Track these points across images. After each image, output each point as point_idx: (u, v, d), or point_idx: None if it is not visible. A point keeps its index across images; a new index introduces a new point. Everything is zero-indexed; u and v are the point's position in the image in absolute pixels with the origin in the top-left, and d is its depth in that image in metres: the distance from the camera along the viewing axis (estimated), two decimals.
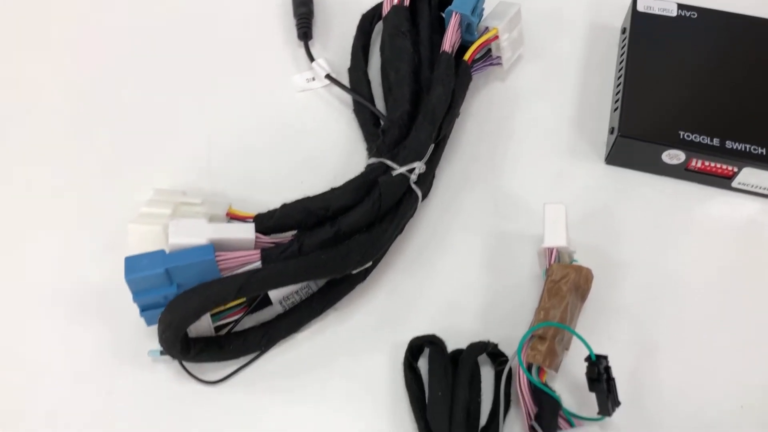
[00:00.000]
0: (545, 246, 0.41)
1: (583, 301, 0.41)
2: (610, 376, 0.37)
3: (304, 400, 0.40)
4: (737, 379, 0.40)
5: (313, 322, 0.42)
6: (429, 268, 0.44)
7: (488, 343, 0.40)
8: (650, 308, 0.43)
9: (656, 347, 0.41)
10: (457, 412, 0.36)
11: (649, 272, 0.44)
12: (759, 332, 0.42)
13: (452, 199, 0.47)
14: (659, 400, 0.40)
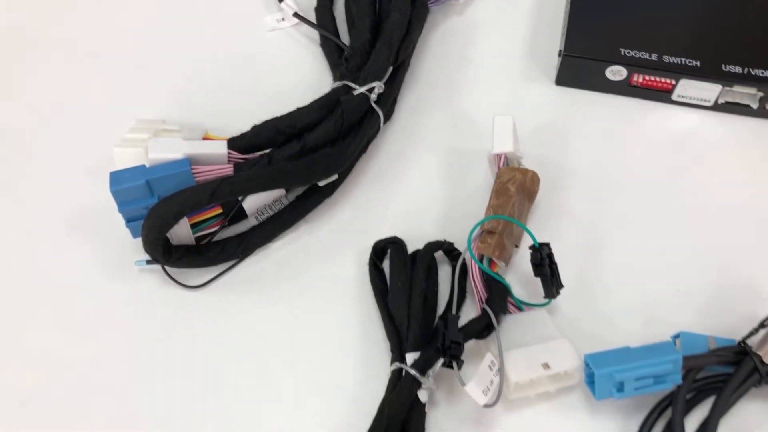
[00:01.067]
0: (494, 152, 0.44)
1: (530, 202, 0.45)
2: (552, 261, 0.40)
3: (279, 300, 0.43)
4: (673, 268, 0.44)
5: (285, 233, 0.46)
6: (392, 183, 0.48)
7: (444, 241, 0.43)
8: (596, 211, 0.46)
9: (601, 244, 0.45)
10: (414, 298, 0.40)
11: (596, 179, 0.48)
12: (692, 229, 0.46)
13: (413, 121, 0.50)
14: (603, 289, 0.44)
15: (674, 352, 0.38)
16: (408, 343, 0.39)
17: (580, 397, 0.40)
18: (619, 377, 0.37)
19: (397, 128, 0.50)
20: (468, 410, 0.40)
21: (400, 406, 0.37)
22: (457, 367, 0.37)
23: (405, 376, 0.38)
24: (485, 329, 0.39)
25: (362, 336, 0.42)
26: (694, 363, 0.38)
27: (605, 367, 0.37)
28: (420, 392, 0.37)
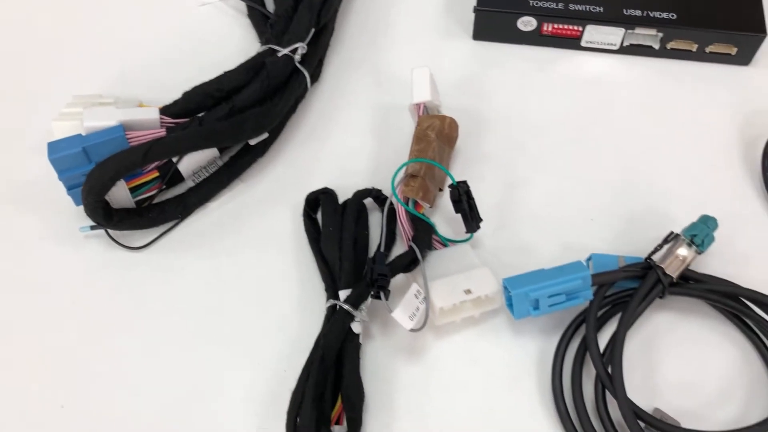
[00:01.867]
0: (413, 102, 0.47)
1: (451, 147, 0.48)
2: (470, 198, 0.43)
3: (220, 256, 0.46)
4: (587, 199, 0.48)
5: (222, 193, 0.48)
6: (322, 139, 0.50)
7: (372, 189, 0.46)
8: (514, 152, 0.50)
9: (520, 182, 0.48)
10: (345, 240, 0.43)
11: (513, 124, 0.51)
12: (603, 163, 0.49)
13: (341, 81, 0.53)
14: (522, 223, 0.47)
15: (584, 270, 0.41)
16: (341, 282, 0.42)
17: (504, 320, 0.43)
18: (533, 295, 0.40)
19: (325, 88, 0.52)
20: (401, 340, 0.43)
21: (335, 338, 0.39)
22: (385, 297, 0.40)
23: (338, 310, 0.40)
24: (411, 263, 0.42)
25: (300, 282, 0.45)
26: (603, 279, 0.41)
27: (521, 287, 0.40)
28: (353, 324, 0.40)
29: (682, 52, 0.52)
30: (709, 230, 0.42)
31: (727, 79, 0.52)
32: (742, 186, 0.48)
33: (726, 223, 0.46)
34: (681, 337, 0.43)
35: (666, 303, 0.44)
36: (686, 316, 0.44)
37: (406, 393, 0.41)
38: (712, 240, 0.42)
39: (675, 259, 0.41)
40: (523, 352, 0.42)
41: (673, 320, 0.43)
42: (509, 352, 0.43)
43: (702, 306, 0.44)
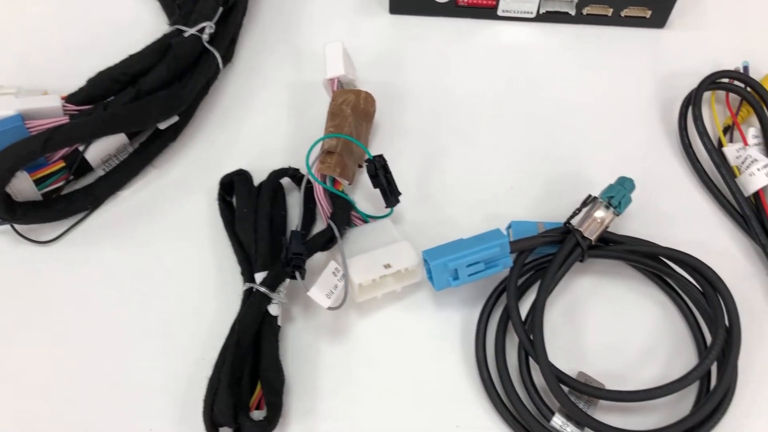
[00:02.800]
0: (327, 77, 0.46)
1: (368, 122, 0.47)
2: (387, 172, 0.43)
3: (134, 245, 0.44)
4: (507, 168, 0.47)
5: (134, 181, 0.46)
6: (238, 121, 0.49)
7: (289, 168, 0.45)
8: (435, 125, 0.49)
9: (441, 154, 0.48)
10: (260, 221, 0.42)
11: (433, 97, 0.50)
12: (522, 131, 0.49)
13: (256, 60, 0.51)
14: (444, 195, 0.46)
15: (501, 237, 0.40)
16: (257, 264, 0.41)
17: (427, 293, 0.43)
18: (452, 265, 0.39)
19: (240, 68, 0.51)
20: (324, 321, 0.42)
21: (251, 322, 0.38)
22: (301, 277, 0.39)
23: (254, 293, 0.39)
24: (329, 241, 0.41)
25: (218, 267, 0.43)
26: (522, 245, 0.41)
27: (439, 258, 0.40)
28: (270, 307, 0.39)
29: (598, 17, 0.52)
30: (626, 191, 0.42)
31: (644, 42, 0.52)
32: (661, 147, 0.48)
33: (645, 184, 0.46)
34: (604, 300, 0.43)
35: (588, 267, 0.44)
36: (608, 279, 0.44)
37: (330, 373, 0.41)
38: (629, 201, 0.42)
39: (593, 222, 0.41)
40: (447, 324, 0.42)
41: (595, 283, 0.43)
42: (433, 324, 0.42)
43: (624, 268, 0.44)
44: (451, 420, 0.39)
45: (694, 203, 0.46)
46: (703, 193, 0.46)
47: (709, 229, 0.45)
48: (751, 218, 0.44)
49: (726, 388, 0.38)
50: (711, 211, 0.46)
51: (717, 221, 0.45)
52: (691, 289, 0.41)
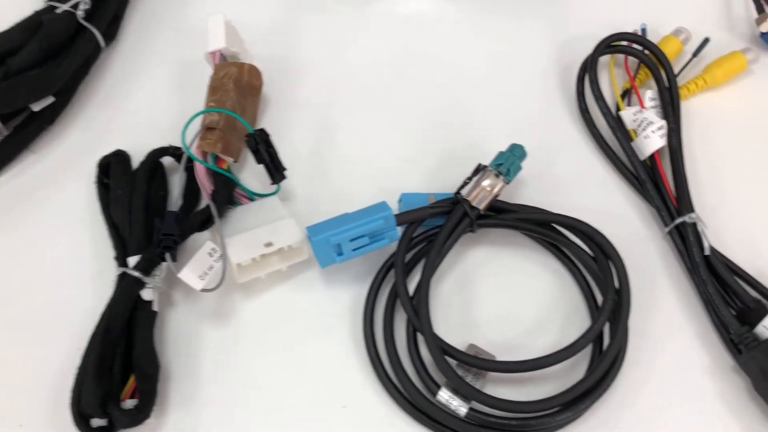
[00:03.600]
0: (208, 51, 0.44)
1: (255, 96, 0.45)
2: (270, 146, 0.41)
3: (9, 234, 0.42)
4: (402, 140, 0.46)
5: (10, 166, 0.44)
6: (121, 101, 0.47)
7: (169, 147, 0.43)
8: (329, 98, 0.47)
9: (335, 128, 0.46)
10: (135, 203, 0.40)
11: (328, 70, 0.48)
12: (418, 102, 0.47)
13: (142, 39, 0.49)
14: (338, 169, 0.45)
15: (386, 209, 0.39)
16: (131, 247, 0.39)
17: (316, 272, 0.41)
18: (334, 240, 0.38)
19: (126, 47, 0.49)
20: (208, 304, 0.40)
21: (121, 308, 0.37)
22: (172, 259, 0.37)
23: (126, 277, 0.37)
24: (207, 221, 0.39)
25: (96, 253, 0.41)
26: (408, 217, 0.40)
27: (321, 233, 0.38)
28: (144, 291, 0.37)
29: None
30: (515, 158, 0.41)
31: (543, 8, 0.51)
32: (559, 113, 0.47)
33: (543, 151, 0.45)
34: (498, 271, 0.42)
35: (482, 237, 0.42)
36: (503, 249, 0.42)
37: (214, 357, 0.39)
38: (519, 168, 0.41)
39: (482, 191, 0.40)
40: (338, 302, 0.41)
41: (490, 254, 0.42)
42: (323, 303, 0.41)
43: (519, 237, 0.43)
44: (338, 400, 0.38)
45: (592, 169, 0.45)
46: (601, 158, 0.45)
47: (606, 193, 0.44)
48: (646, 181, 0.43)
49: (617, 349, 0.37)
50: (608, 175, 0.45)
51: (614, 186, 0.45)
52: (582, 255, 0.40)
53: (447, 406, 0.36)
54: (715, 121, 0.47)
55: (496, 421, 0.36)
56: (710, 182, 0.45)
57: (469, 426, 0.36)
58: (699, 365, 0.39)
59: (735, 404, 0.38)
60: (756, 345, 0.37)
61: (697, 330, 0.40)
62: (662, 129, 0.44)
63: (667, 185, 0.43)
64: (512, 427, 0.36)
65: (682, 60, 0.48)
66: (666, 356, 0.39)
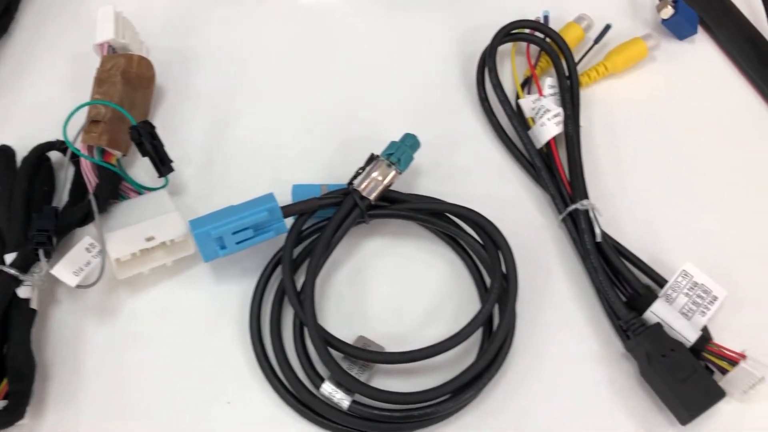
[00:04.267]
0: (96, 43, 0.43)
1: (147, 87, 0.44)
2: (154, 138, 0.40)
3: None
4: (301, 131, 0.45)
5: None
6: (14, 95, 0.46)
7: (56, 141, 0.42)
8: (227, 90, 0.46)
9: (231, 119, 0.45)
10: (15, 198, 0.39)
11: (226, 61, 0.47)
12: (317, 93, 0.47)
13: (37, 31, 0.48)
14: (233, 162, 0.44)
15: (271, 201, 0.38)
16: (9, 244, 0.38)
17: (205, 267, 0.41)
18: (215, 233, 0.37)
19: (19, 39, 0.48)
20: (92, 302, 0.39)
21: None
22: (45, 255, 0.36)
23: (1, 275, 0.36)
24: (89, 216, 0.38)
25: None
26: (296, 209, 0.39)
27: (202, 226, 0.37)
28: (20, 289, 0.36)
29: None
30: (405, 147, 0.40)
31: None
32: (460, 103, 0.47)
33: (443, 141, 0.45)
34: (393, 262, 0.41)
35: (377, 228, 0.42)
36: (398, 240, 0.42)
37: (97, 355, 0.38)
38: (411, 158, 0.41)
39: (373, 181, 0.40)
40: (225, 298, 0.40)
41: (384, 245, 0.42)
42: (211, 298, 0.40)
43: (415, 228, 0.42)
44: (223, 396, 0.37)
45: (491, 158, 0.45)
46: (500, 147, 0.45)
47: (504, 182, 0.44)
48: (541, 169, 0.43)
49: (505, 332, 0.37)
50: (507, 164, 0.45)
51: (512, 174, 0.44)
52: (473, 243, 0.40)
53: (330, 399, 0.36)
54: (616, 108, 0.47)
55: (380, 414, 0.35)
56: (610, 170, 0.44)
57: (352, 419, 0.36)
58: (589, 352, 0.39)
59: (623, 391, 0.38)
60: (642, 330, 0.37)
61: (589, 317, 0.40)
62: (558, 116, 0.43)
63: (562, 173, 0.43)
64: (395, 419, 0.35)
65: (584, 47, 0.48)
66: (557, 344, 0.39)
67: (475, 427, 0.37)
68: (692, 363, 0.36)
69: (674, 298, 0.39)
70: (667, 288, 0.39)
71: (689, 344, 0.37)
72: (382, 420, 0.35)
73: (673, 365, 0.36)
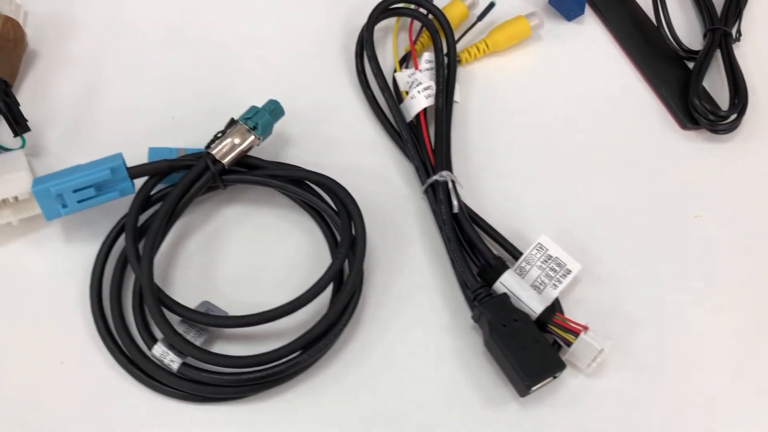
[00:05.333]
0: None
1: (13, 49, 0.43)
2: (8, 96, 0.40)
3: None
4: (171, 99, 0.45)
5: None
6: None
7: None
8: (101, 55, 0.46)
9: (103, 84, 0.45)
10: None
11: (102, 26, 0.47)
12: (182, 65, 0.46)
13: None
14: (98, 124, 0.44)
15: (116, 160, 0.38)
16: None
17: (55, 228, 0.40)
18: (55, 190, 0.36)
19: None
20: None
21: None
22: None
23: None
24: None
25: None
26: (145, 169, 0.38)
27: (42, 183, 0.37)
28: None
29: None
30: (265, 112, 0.40)
31: None
32: (340, 75, 0.46)
33: (316, 111, 0.45)
34: (251, 229, 0.41)
35: (238, 196, 0.41)
36: (258, 208, 0.41)
37: None
38: (269, 123, 0.40)
39: (228, 145, 0.39)
40: (74, 259, 0.39)
41: (244, 213, 0.41)
42: (60, 260, 0.39)
43: (277, 196, 0.42)
44: (56, 357, 0.36)
45: (363, 130, 0.44)
46: (373, 120, 0.45)
47: (374, 154, 0.44)
48: (408, 141, 0.42)
49: (352, 289, 0.37)
50: (378, 137, 0.44)
51: (383, 147, 0.44)
52: (328, 210, 0.39)
53: (161, 360, 0.35)
54: (497, 86, 0.47)
55: (209, 377, 0.35)
56: (482, 146, 0.44)
57: (181, 381, 0.35)
58: (439, 322, 0.38)
59: (469, 363, 0.37)
60: (488, 300, 0.37)
61: (443, 288, 0.39)
62: (429, 89, 0.43)
63: (428, 145, 0.42)
64: (224, 382, 0.35)
65: (469, 25, 0.48)
66: (407, 313, 0.39)
67: (313, 392, 0.36)
68: (534, 334, 0.36)
69: (527, 270, 0.39)
70: (521, 260, 0.39)
71: (535, 316, 0.37)
72: (211, 383, 0.35)
73: (513, 335, 0.36)
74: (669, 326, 0.39)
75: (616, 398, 0.37)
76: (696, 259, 0.41)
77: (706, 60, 0.46)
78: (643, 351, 0.38)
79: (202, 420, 0.35)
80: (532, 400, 0.36)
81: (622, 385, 0.37)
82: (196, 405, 0.35)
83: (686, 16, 0.50)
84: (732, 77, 0.46)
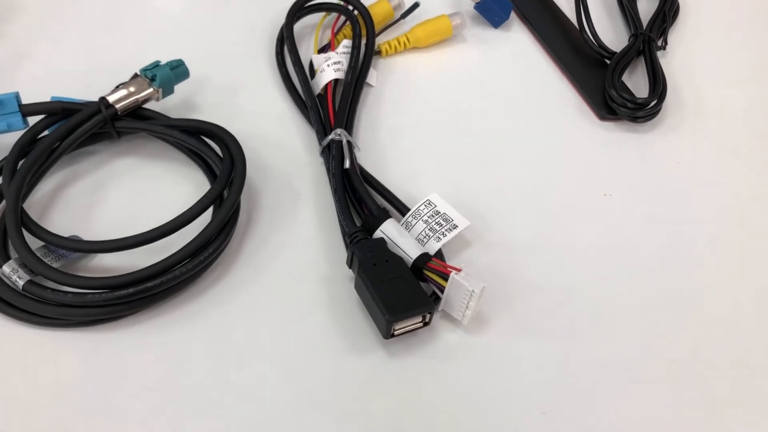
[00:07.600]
0: None
1: None
2: None
3: None
4: (95, 59, 0.46)
5: None
6: None
7: None
8: (35, 32, 0.47)
9: (32, 57, 0.46)
10: None
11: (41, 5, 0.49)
12: (116, 30, 0.48)
13: None
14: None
15: (9, 95, 0.38)
16: None
17: None
18: None
19: None
20: None
21: None
22: None
23: None
24: None
25: None
26: (37, 108, 0.38)
27: None
28: None
29: None
30: (166, 68, 0.40)
31: None
32: (260, 56, 0.47)
33: (231, 84, 0.46)
34: (140, 180, 0.40)
35: (133, 149, 0.41)
36: (151, 161, 0.41)
37: None
38: (168, 76, 0.40)
39: (123, 93, 0.39)
40: None
41: (136, 164, 0.41)
42: None
43: (172, 151, 0.41)
44: None
45: (274, 103, 0.45)
46: (284, 95, 0.45)
47: (279, 125, 0.43)
48: (312, 108, 0.42)
49: (228, 210, 0.35)
50: (288, 109, 0.44)
51: (289, 119, 0.44)
52: (215, 157, 0.39)
53: (9, 278, 0.34)
54: (415, 78, 0.47)
55: (52, 296, 0.33)
56: (391, 125, 0.44)
57: (24, 299, 0.33)
58: (317, 274, 0.36)
59: (342, 312, 0.35)
60: (364, 241, 0.35)
61: (327, 242, 0.38)
62: (339, 64, 0.43)
63: (331, 112, 0.42)
64: (68, 301, 0.33)
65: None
66: (284, 261, 0.37)
67: (166, 326, 0.34)
68: (404, 274, 0.34)
69: (413, 224, 0.37)
70: (408, 215, 0.37)
71: (410, 261, 0.35)
72: (54, 302, 0.33)
73: (381, 273, 0.33)
74: (562, 293, 0.36)
75: (491, 356, 0.34)
76: (599, 233, 0.39)
77: (625, 57, 0.46)
78: (531, 315, 0.35)
79: (45, 344, 0.33)
80: (402, 350, 0.34)
81: (501, 345, 0.34)
82: (39, 329, 0.33)
83: (614, 26, 0.50)
84: (652, 71, 0.45)
